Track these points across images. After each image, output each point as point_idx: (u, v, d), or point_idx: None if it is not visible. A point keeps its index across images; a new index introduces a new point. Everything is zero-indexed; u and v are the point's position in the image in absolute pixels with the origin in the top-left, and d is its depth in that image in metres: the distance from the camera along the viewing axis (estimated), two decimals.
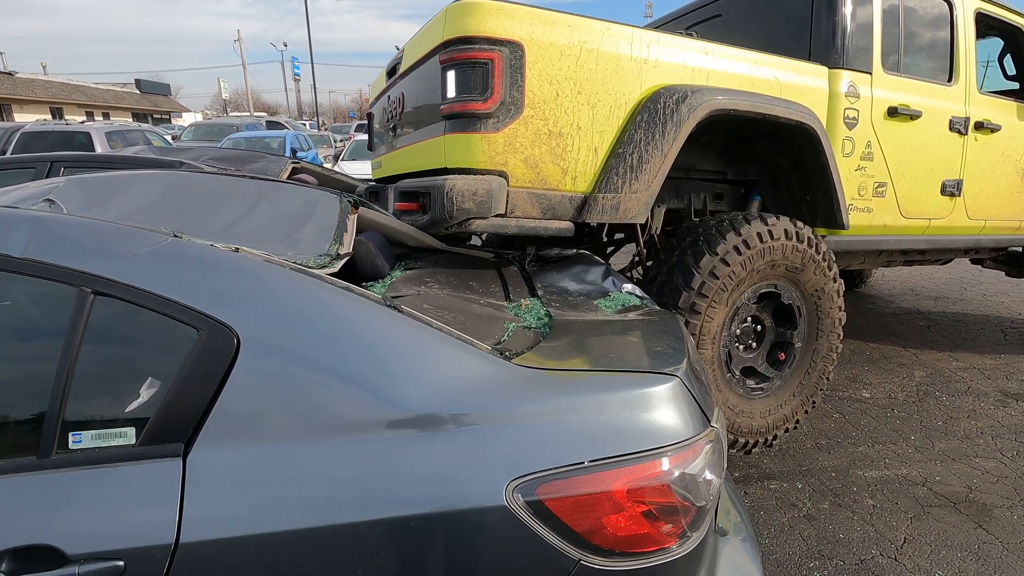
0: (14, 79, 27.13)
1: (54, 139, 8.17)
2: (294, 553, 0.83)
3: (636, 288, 1.89)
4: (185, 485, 0.84)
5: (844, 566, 1.96)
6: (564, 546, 0.88)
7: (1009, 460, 2.61)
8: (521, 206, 1.94)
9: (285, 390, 0.90)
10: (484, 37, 1.80)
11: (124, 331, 0.92)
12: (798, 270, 2.35)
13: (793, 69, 2.44)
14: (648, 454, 0.93)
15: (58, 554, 0.80)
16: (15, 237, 0.90)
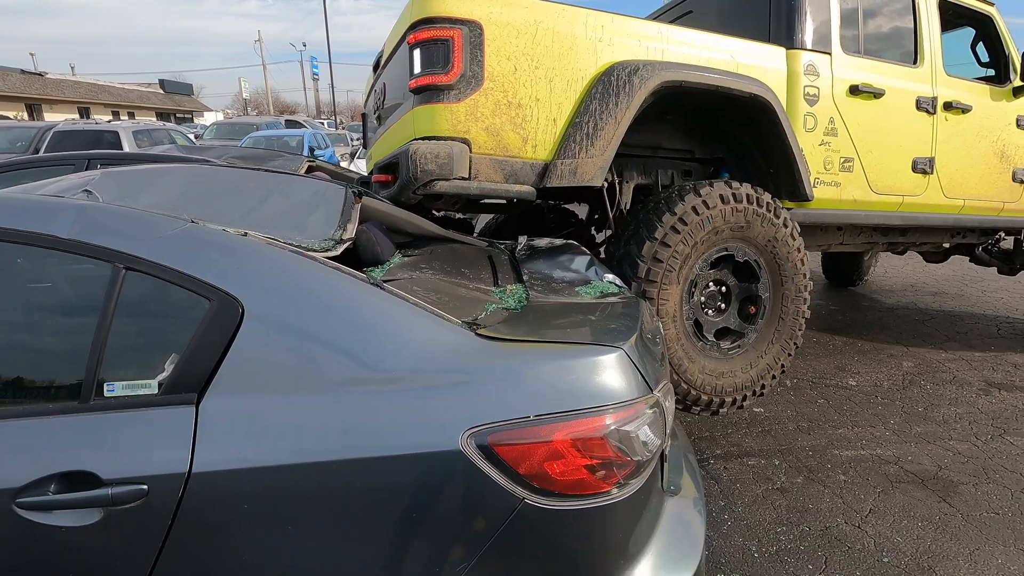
0: (44, 80, 28.01)
1: (84, 138, 8.55)
2: (284, 483, 1.01)
3: (616, 278, 2.04)
4: (197, 427, 1.02)
5: (809, 532, 2.10)
6: (511, 486, 1.04)
7: (982, 443, 2.70)
8: (484, 171, 2.13)
9: (280, 352, 1.08)
10: (445, 17, 2.01)
11: (149, 301, 1.10)
12: (744, 228, 2.47)
13: (749, 49, 2.59)
14: (587, 411, 1.08)
15: (95, 478, 0.99)
16: (63, 221, 1.10)
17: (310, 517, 1.01)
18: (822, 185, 2.79)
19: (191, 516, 0.99)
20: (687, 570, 1.21)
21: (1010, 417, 2.95)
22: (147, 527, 0.99)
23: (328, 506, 1.01)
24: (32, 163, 3.39)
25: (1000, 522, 2.14)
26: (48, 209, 1.15)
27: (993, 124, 3.31)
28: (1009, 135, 3.37)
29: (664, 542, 1.23)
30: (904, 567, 1.92)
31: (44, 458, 1.00)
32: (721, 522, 2.16)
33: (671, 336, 2.34)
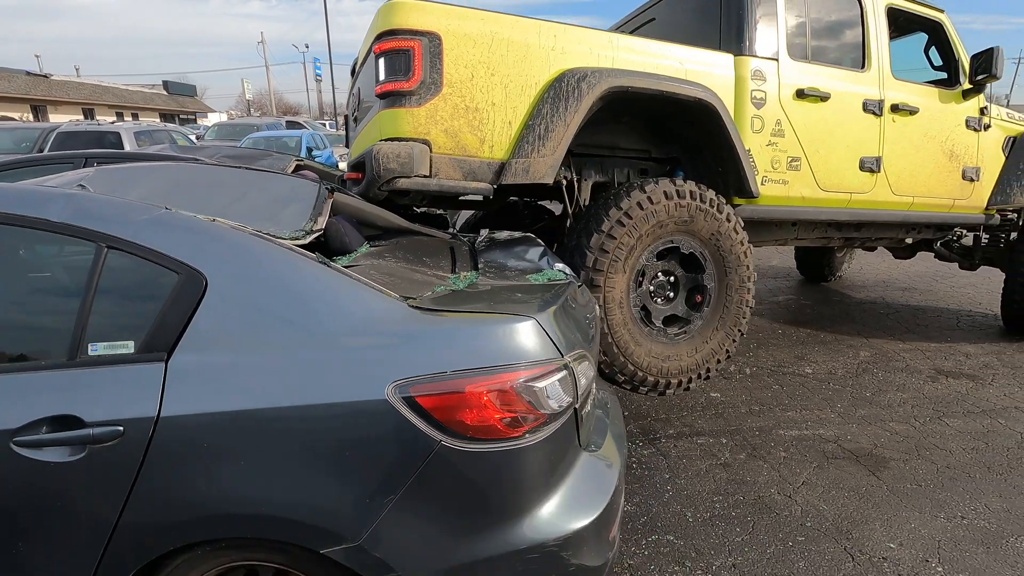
0: (49, 81, 28.33)
1: (87, 138, 8.78)
2: (237, 426, 1.19)
3: (566, 267, 2.22)
4: (165, 380, 1.21)
5: (743, 501, 2.28)
6: (429, 430, 1.22)
7: (920, 425, 2.88)
8: (444, 170, 2.33)
9: (237, 319, 1.26)
10: (406, 29, 2.21)
11: (127, 275, 1.29)
12: (688, 222, 2.66)
13: (697, 56, 2.77)
14: (497, 368, 1.27)
15: (80, 421, 1.18)
16: (54, 207, 1.29)
17: (258, 455, 1.19)
18: (770, 183, 2.97)
19: (159, 452, 1.18)
20: (591, 514, 1.39)
21: (951, 401, 3.13)
22: (123, 462, 1.18)
23: (273, 446, 1.20)
24: (33, 162, 3.60)
25: (921, 493, 2.32)
26: (41, 197, 1.34)
27: (942, 125, 3.48)
28: (958, 135, 3.54)
29: (573, 487, 1.41)
30: (824, 530, 2.10)
31: (37, 404, 1.20)
32: (663, 491, 2.34)
33: (617, 321, 2.52)
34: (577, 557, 1.36)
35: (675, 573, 1.90)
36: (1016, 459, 2.56)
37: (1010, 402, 3.11)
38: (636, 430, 2.84)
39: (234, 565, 1.31)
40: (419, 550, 1.25)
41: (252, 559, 1.30)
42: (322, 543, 1.21)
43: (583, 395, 1.49)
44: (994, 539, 2.04)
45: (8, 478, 1.19)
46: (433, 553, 1.25)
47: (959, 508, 2.22)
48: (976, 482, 2.39)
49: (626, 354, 2.54)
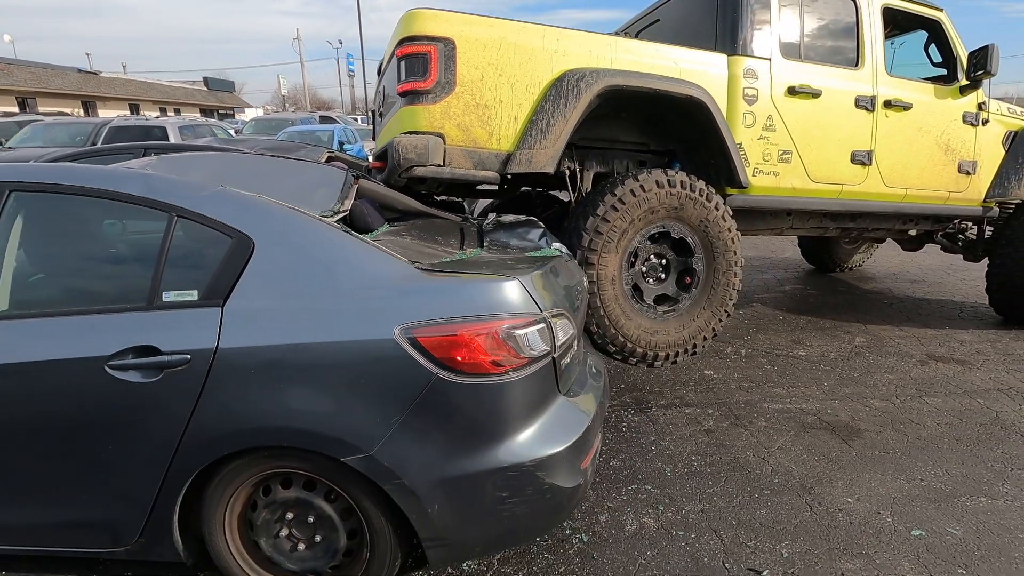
0: (98, 78, 29.76)
1: (136, 132, 9.39)
2: (278, 357, 1.51)
3: (563, 247, 2.49)
4: (222, 321, 1.54)
5: (719, 461, 2.51)
6: (428, 365, 1.51)
7: (900, 402, 3.05)
8: (456, 159, 2.63)
9: (278, 274, 1.58)
10: (424, 35, 2.52)
11: (192, 238, 1.62)
12: (679, 209, 2.89)
13: (692, 56, 2.99)
14: (485, 317, 1.55)
15: (157, 350, 1.52)
16: (134, 183, 1.63)
17: (292, 380, 1.51)
18: (761, 175, 3.17)
19: (217, 376, 1.51)
20: (563, 444, 1.66)
21: (936, 383, 3.28)
22: (189, 383, 1.51)
23: (304, 373, 1.51)
24: (99, 152, 4.05)
25: (887, 459, 2.52)
26: (123, 176, 1.68)
27: (937, 120, 3.60)
28: (955, 130, 3.65)
29: (549, 421, 1.69)
30: (789, 486, 2.32)
31: (125, 337, 1.54)
32: (648, 451, 2.60)
33: (609, 296, 2.78)
34: (550, 477, 1.64)
35: (648, 515, 2.16)
36: (987, 434, 2.72)
37: (994, 385, 3.24)
38: (630, 400, 3.10)
39: (271, 473, 1.64)
40: (419, 462, 1.54)
41: (286, 467, 1.62)
42: (343, 452, 1.52)
43: (561, 347, 1.75)
44: (946, 498, 2.24)
45: (103, 395, 1.53)
46: (431, 465, 1.55)
47: (920, 472, 2.41)
48: (942, 452, 2.57)
49: (617, 327, 2.79)
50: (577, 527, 2.09)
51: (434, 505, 1.56)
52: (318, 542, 1.69)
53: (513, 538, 1.75)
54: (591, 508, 2.20)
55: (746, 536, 2.03)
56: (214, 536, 1.68)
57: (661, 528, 2.08)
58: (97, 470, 1.60)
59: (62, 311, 1.62)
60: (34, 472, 1.63)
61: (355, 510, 1.63)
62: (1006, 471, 2.42)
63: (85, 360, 1.53)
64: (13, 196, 1.67)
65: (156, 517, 1.63)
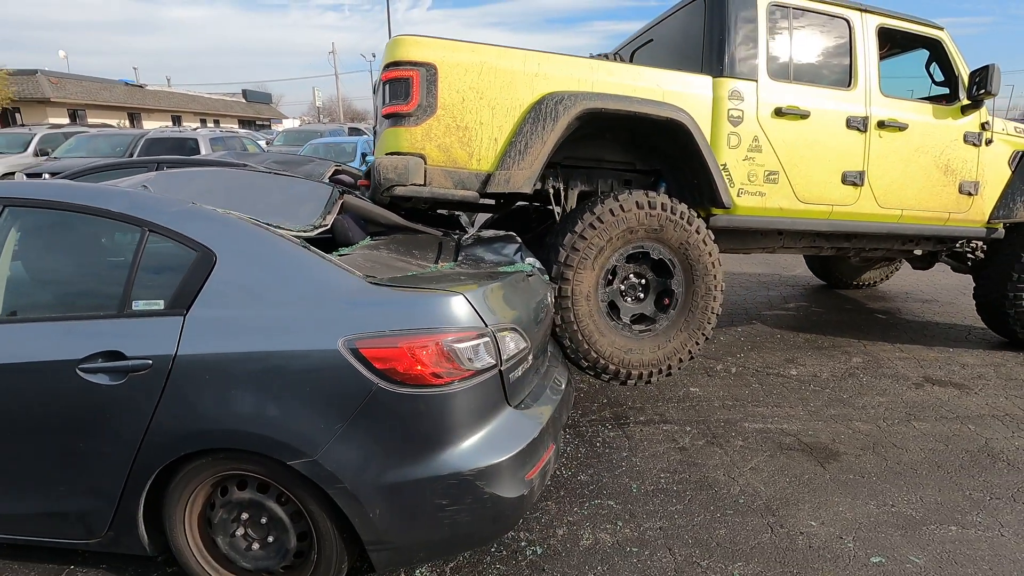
0: (144, 91, 31.25)
1: (170, 144, 9.87)
2: (231, 363, 1.61)
3: (536, 261, 2.55)
4: (183, 327, 1.65)
5: (687, 479, 2.51)
6: (370, 376, 1.59)
7: (886, 426, 2.98)
8: (437, 179, 2.71)
9: (236, 286, 1.69)
10: (407, 61, 2.62)
11: (161, 251, 1.75)
12: (659, 231, 2.90)
13: (675, 79, 3.02)
14: (426, 330, 1.62)
15: (123, 355, 1.64)
16: (114, 200, 1.76)
17: (244, 385, 1.60)
18: (746, 195, 3.17)
19: (176, 380, 1.62)
20: (504, 455, 1.71)
21: (928, 407, 3.19)
22: (151, 386, 1.63)
23: (255, 379, 1.60)
24: (119, 165, 4.31)
25: (861, 483, 2.47)
26: (108, 193, 1.82)
27: (936, 140, 3.52)
28: (955, 150, 3.56)
29: (493, 432, 1.74)
30: (754, 507, 2.31)
31: (95, 342, 1.66)
32: (617, 466, 2.61)
33: (583, 312, 2.81)
34: (491, 487, 1.68)
35: (606, 530, 2.18)
36: (972, 461, 2.64)
37: (989, 411, 3.14)
38: (609, 415, 3.11)
39: (228, 474, 1.73)
40: (361, 468, 1.61)
41: (241, 469, 1.71)
42: (289, 456, 1.60)
43: (509, 360, 1.81)
44: (915, 525, 2.19)
45: (74, 395, 1.66)
46: (372, 471, 1.62)
47: (892, 498, 2.36)
48: (920, 478, 2.51)
49: (590, 342, 2.83)
50: (532, 539, 2.13)
51: (375, 510, 1.63)
52: (270, 542, 1.77)
53: (455, 545, 1.80)
54: (550, 521, 2.23)
55: (700, 555, 2.03)
56: (175, 532, 1.78)
57: (616, 544, 2.10)
58: (70, 465, 1.73)
59: (44, 317, 1.77)
60: (14, 465, 1.76)
61: (304, 513, 1.71)
62: (983, 500, 2.35)
63: (59, 363, 1.66)
64: (8, 211, 1.83)
65: (123, 511, 1.74)
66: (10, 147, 11.85)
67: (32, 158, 11.39)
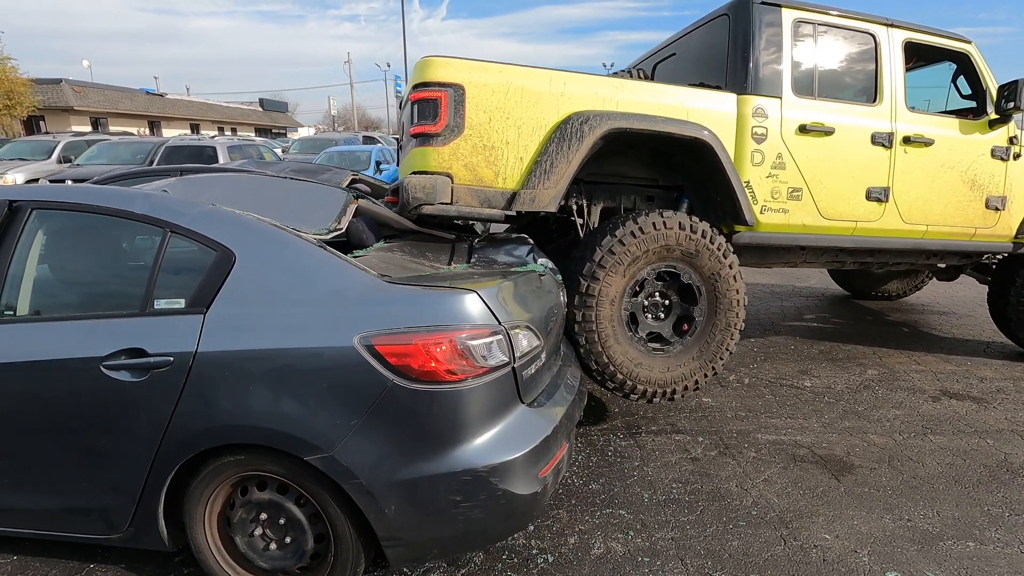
0: (164, 100, 31.90)
1: (188, 151, 10.06)
2: (250, 359, 1.63)
3: (548, 261, 2.57)
4: (203, 325, 1.68)
5: (700, 489, 2.49)
6: (385, 372, 1.60)
7: (901, 439, 2.94)
8: (463, 198, 2.73)
9: (255, 284, 1.72)
10: (436, 82, 2.64)
11: (182, 251, 1.79)
12: (694, 256, 2.89)
13: (699, 96, 3.01)
14: (441, 327, 1.64)
15: (145, 352, 1.67)
16: (136, 202, 1.81)
17: (262, 382, 1.63)
18: (769, 212, 3.14)
19: (196, 377, 1.65)
20: (517, 452, 1.72)
21: (945, 420, 3.14)
22: (172, 383, 1.66)
23: (273, 376, 1.63)
24: (142, 173, 4.39)
25: (876, 496, 2.44)
26: (128, 196, 1.87)
27: (963, 155, 3.47)
28: (982, 165, 3.51)
29: (506, 429, 1.74)
30: (767, 519, 2.28)
31: (119, 340, 1.70)
32: (629, 476, 2.60)
33: (604, 315, 2.80)
34: (504, 483, 1.69)
35: (617, 540, 2.17)
36: (990, 476, 2.59)
37: (1008, 425, 3.08)
38: (621, 424, 3.10)
39: (248, 475, 1.75)
40: (376, 464, 1.62)
41: (261, 470, 1.73)
42: (305, 451, 1.62)
43: (522, 357, 1.81)
44: (931, 540, 2.15)
45: (98, 391, 1.70)
46: (387, 467, 1.63)
47: (908, 512, 2.33)
48: (937, 492, 2.47)
49: (604, 345, 2.81)
50: (544, 547, 2.12)
51: (390, 505, 1.64)
52: (288, 543, 1.79)
53: (469, 541, 1.80)
54: (561, 530, 2.22)
55: (712, 567, 2.02)
56: (195, 530, 1.81)
57: (628, 554, 2.09)
58: (93, 460, 1.77)
59: (69, 315, 1.81)
60: (39, 460, 1.80)
61: (322, 515, 1.73)
62: (1002, 516, 2.30)
63: (84, 360, 1.70)
64: (35, 213, 1.88)
65: (144, 507, 1.77)
66: (34, 154, 12.16)
67: (55, 165, 11.66)
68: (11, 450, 1.80)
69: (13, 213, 1.87)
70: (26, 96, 20.78)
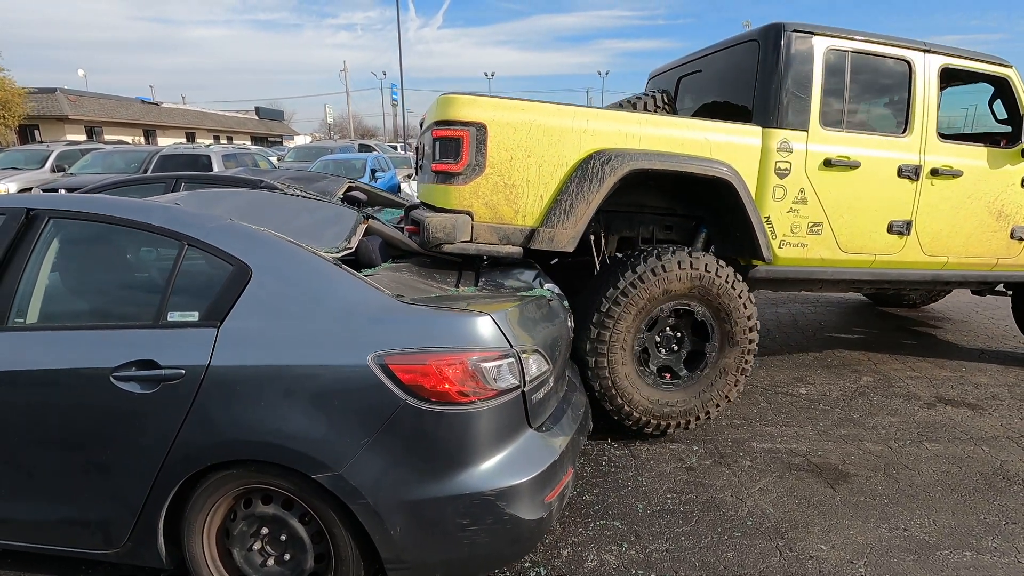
0: (159, 108, 31.89)
1: (183, 160, 10.07)
2: (263, 375, 1.65)
3: (555, 286, 2.60)
4: (216, 339, 1.70)
5: (695, 499, 2.52)
6: (397, 391, 1.62)
7: (897, 446, 2.98)
8: (483, 235, 2.74)
9: (270, 300, 1.74)
10: (458, 120, 2.64)
11: (197, 264, 1.81)
12: (717, 298, 2.87)
13: (723, 130, 2.97)
14: (453, 349, 1.66)
15: (157, 364, 1.69)
16: (154, 215, 1.83)
17: (273, 398, 1.64)
18: (788, 246, 3.13)
19: (207, 391, 1.66)
20: (524, 476, 1.73)
21: (940, 427, 3.19)
22: (182, 396, 1.67)
23: (284, 392, 1.64)
24: (137, 181, 4.42)
25: (873, 505, 2.47)
26: (147, 207, 1.90)
27: (991, 185, 3.43)
28: (1011, 195, 3.46)
29: (514, 453, 1.76)
30: (763, 529, 2.31)
31: (130, 351, 1.71)
32: (623, 486, 2.62)
33: (618, 342, 2.82)
34: (511, 508, 1.70)
35: (611, 551, 2.18)
36: (987, 484, 2.63)
37: (1003, 432, 3.13)
38: (615, 434, 3.12)
39: (253, 487, 1.76)
40: (384, 484, 1.63)
41: (266, 483, 1.74)
42: (313, 470, 1.63)
43: (532, 381, 1.83)
44: (928, 550, 2.18)
45: (106, 402, 1.71)
46: (395, 488, 1.64)
47: (904, 521, 2.36)
48: (933, 501, 2.51)
49: (611, 370, 2.83)
50: (537, 560, 2.13)
51: (396, 527, 1.64)
52: (287, 560, 1.79)
53: (473, 566, 1.79)
54: (554, 542, 2.24)
55: None
56: (192, 540, 1.81)
57: (621, 566, 2.10)
58: (95, 471, 1.76)
59: (81, 325, 1.81)
60: (40, 470, 1.79)
61: (325, 535, 1.73)
62: (999, 524, 2.34)
63: (94, 370, 1.71)
64: (52, 222, 1.90)
65: (144, 521, 1.77)
66: (28, 163, 12.11)
67: (49, 174, 11.63)
68: (13, 458, 1.80)
69: (30, 222, 1.89)
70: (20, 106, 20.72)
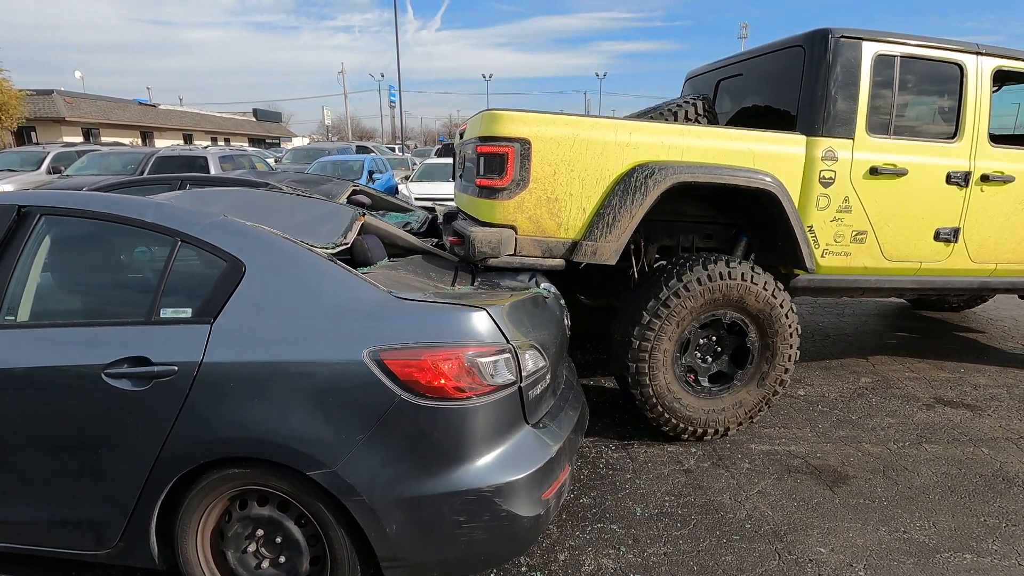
0: (156, 110, 31.85)
1: (180, 162, 10.02)
2: (256, 372, 1.62)
3: (551, 285, 2.57)
4: (210, 336, 1.67)
5: (692, 502, 2.49)
6: (392, 386, 1.60)
7: (896, 448, 2.95)
8: (526, 248, 2.75)
9: (264, 296, 1.71)
10: (503, 136, 2.64)
11: (192, 260, 1.78)
12: (763, 309, 2.87)
13: (767, 140, 2.92)
14: (449, 344, 1.64)
15: (149, 361, 1.65)
16: (147, 212, 1.80)
17: (267, 394, 1.61)
18: (831, 255, 3.09)
19: (200, 387, 1.63)
20: (521, 473, 1.71)
21: (939, 429, 3.16)
22: (175, 393, 1.64)
23: (278, 388, 1.61)
24: (142, 182, 4.40)
25: (872, 507, 2.45)
26: (140, 204, 1.87)
27: None
28: None
29: (511, 449, 1.74)
30: (762, 533, 2.28)
31: (122, 348, 1.68)
32: (621, 488, 2.59)
33: (660, 347, 2.83)
34: (508, 504, 1.68)
35: (608, 555, 2.16)
36: (987, 486, 2.61)
37: (1003, 433, 3.11)
38: (613, 436, 3.10)
39: (249, 488, 1.73)
40: (379, 481, 1.61)
41: (262, 485, 1.71)
42: (308, 466, 1.60)
43: (528, 377, 1.81)
44: (928, 553, 2.16)
45: (98, 400, 1.68)
46: (390, 484, 1.62)
47: (904, 524, 2.34)
48: (933, 503, 2.48)
49: (652, 377, 2.83)
50: (534, 564, 2.11)
51: (392, 524, 1.62)
52: (282, 563, 1.77)
53: (471, 564, 1.77)
54: (551, 546, 2.21)
55: None
56: (186, 541, 1.78)
57: (619, 570, 2.07)
58: (87, 471, 1.73)
59: (73, 322, 1.78)
60: (29, 469, 1.76)
61: (321, 538, 1.71)
62: (999, 527, 2.32)
63: (85, 367, 1.68)
64: (44, 219, 1.87)
65: (136, 521, 1.74)
66: (24, 165, 12.07)
67: (45, 175, 11.58)
68: (1, 457, 1.77)
69: (21, 219, 1.86)
70: (17, 108, 20.65)
